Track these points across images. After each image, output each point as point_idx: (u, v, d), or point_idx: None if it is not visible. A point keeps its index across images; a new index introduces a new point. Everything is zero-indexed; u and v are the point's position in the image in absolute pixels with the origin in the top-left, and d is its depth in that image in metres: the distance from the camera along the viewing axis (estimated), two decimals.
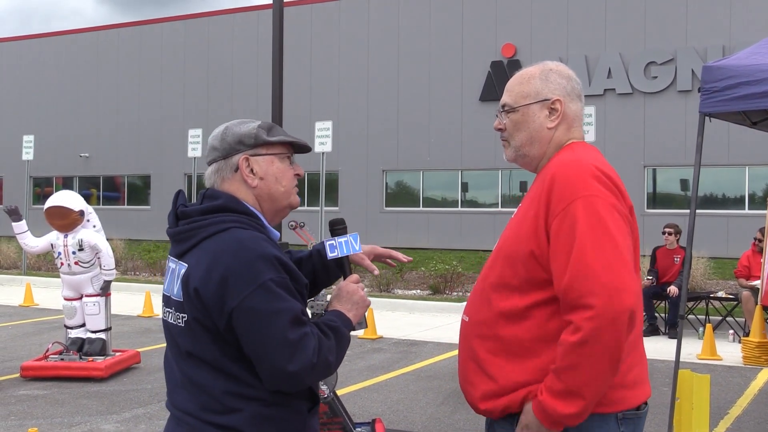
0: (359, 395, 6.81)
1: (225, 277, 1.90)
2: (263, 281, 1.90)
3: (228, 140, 2.10)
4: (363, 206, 24.51)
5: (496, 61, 22.99)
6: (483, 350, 2.17)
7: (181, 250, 2.04)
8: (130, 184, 29.62)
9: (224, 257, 1.93)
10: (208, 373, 1.97)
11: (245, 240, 1.96)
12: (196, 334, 1.98)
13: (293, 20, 24.00)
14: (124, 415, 6.13)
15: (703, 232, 16.57)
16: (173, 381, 2.07)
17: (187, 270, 1.99)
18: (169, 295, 2.07)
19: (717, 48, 19.99)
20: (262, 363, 1.91)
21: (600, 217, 2.03)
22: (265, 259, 1.93)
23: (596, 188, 2.06)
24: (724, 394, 6.97)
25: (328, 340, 1.99)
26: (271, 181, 2.11)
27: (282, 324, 1.89)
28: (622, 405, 2.11)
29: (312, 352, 1.91)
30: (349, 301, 2.15)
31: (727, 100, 5.02)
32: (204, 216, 2.03)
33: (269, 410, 1.98)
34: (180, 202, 2.12)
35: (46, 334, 9.77)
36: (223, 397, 1.96)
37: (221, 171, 2.11)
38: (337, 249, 2.28)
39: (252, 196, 2.10)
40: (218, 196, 2.07)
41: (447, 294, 13.34)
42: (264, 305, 1.89)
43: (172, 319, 2.05)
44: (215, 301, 1.92)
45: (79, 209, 7.28)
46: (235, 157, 2.09)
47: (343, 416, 4.68)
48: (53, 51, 30.51)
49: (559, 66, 2.31)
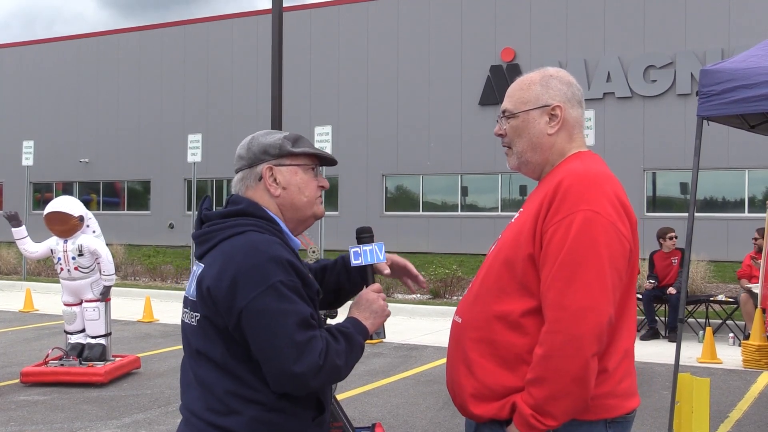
0: (359, 399, 6.80)
1: (236, 278, 1.94)
2: (273, 282, 1.93)
3: (254, 150, 2.16)
4: (363, 211, 24.50)
5: (496, 65, 23.03)
6: (475, 353, 2.15)
7: (202, 251, 2.10)
8: (129, 189, 29.63)
9: (236, 258, 1.97)
10: (214, 373, 2.00)
11: (258, 242, 2.00)
12: (207, 333, 2.02)
13: (293, 25, 24.04)
14: (124, 420, 6.13)
15: (703, 236, 16.57)
16: (186, 381, 2.11)
17: (202, 270, 2.05)
18: (187, 296, 2.13)
19: (716, 51, 20.02)
20: (268, 363, 1.93)
21: (594, 234, 2.02)
22: (276, 262, 1.96)
23: (600, 204, 2.05)
24: (725, 397, 6.96)
25: (338, 344, 2.00)
26: (294, 191, 2.15)
27: (289, 325, 1.91)
28: (612, 413, 2.11)
29: (319, 355, 1.93)
30: (368, 309, 2.17)
31: (725, 104, 5.02)
32: (224, 219, 2.09)
33: (270, 415, 1.99)
34: (205, 206, 2.18)
35: (46, 340, 9.77)
36: (225, 396, 1.98)
37: (246, 179, 2.16)
38: (361, 257, 2.30)
39: (275, 205, 2.15)
40: (240, 201, 2.13)
41: (447, 298, 13.33)
42: (272, 306, 1.92)
43: (187, 318, 2.11)
44: (226, 300, 1.96)
45: (79, 214, 7.28)
46: (260, 166, 2.14)
47: (343, 421, 4.68)
48: (53, 56, 30.55)
49: (560, 72, 2.31)
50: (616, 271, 2.05)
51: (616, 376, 2.10)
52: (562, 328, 1.98)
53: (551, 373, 1.99)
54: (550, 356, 1.99)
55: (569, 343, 1.97)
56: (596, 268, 2.01)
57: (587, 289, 1.99)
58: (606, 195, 2.07)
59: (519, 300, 2.10)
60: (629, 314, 2.16)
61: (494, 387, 2.11)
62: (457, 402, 2.23)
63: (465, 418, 2.29)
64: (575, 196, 2.06)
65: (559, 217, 2.05)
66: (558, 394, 1.99)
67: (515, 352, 2.09)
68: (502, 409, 2.10)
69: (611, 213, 2.06)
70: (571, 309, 1.98)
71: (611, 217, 2.05)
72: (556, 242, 2.04)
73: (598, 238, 2.02)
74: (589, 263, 2.00)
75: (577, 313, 1.98)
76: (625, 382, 2.13)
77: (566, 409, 2.01)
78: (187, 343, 2.11)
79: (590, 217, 2.03)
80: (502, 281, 2.14)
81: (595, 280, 2.00)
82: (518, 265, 2.11)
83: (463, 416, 2.26)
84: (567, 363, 1.97)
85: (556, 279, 2.01)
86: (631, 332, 2.17)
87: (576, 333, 1.97)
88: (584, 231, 2.02)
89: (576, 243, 2.01)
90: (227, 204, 2.16)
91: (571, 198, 2.06)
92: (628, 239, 2.09)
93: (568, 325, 1.98)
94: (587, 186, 2.08)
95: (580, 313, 1.98)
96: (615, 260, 2.04)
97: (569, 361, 1.97)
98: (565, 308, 1.99)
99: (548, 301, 2.03)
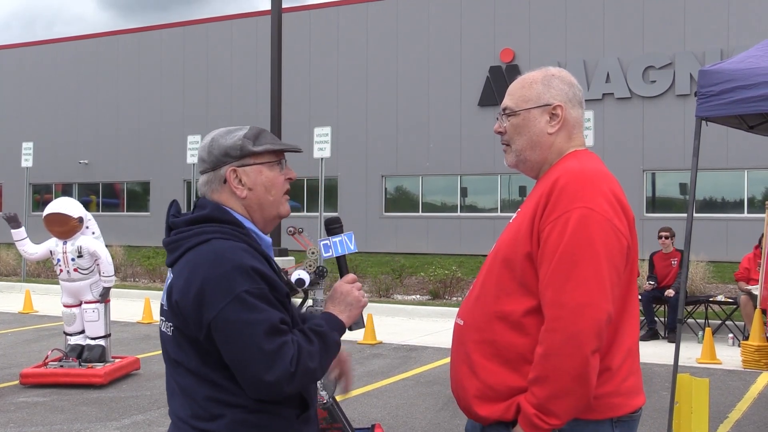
0: (359, 401, 6.80)
1: (202, 290, 1.92)
2: (238, 293, 1.90)
3: (215, 153, 2.10)
4: (362, 212, 24.51)
5: (495, 66, 23.03)
6: (478, 354, 2.15)
7: (171, 260, 2.07)
8: (129, 190, 29.62)
9: (201, 269, 1.94)
10: (193, 381, 2.00)
11: (222, 251, 1.96)
12: (180, 343, 2.01)
13: (292, 26, 24.05)
14: (124, 421, 6.13)
15: (702, 236, 16.58)
16: (170, 388, 2.11)
17: (171, 281, 2.03)
18: (162, 304, 2.10)
19: (715, 52, 20.02)
20: (240, 373, 1.92)
21: (590, 231, 2.02)
22: (240, 270, 1.93)
23: (596, 201, 2.05)
24: (724, 397, 6.96)
25: (311, 346, 1.97)
26: (260, 191, 2.11)
27: (257, 335, 1.89)
28: (617, 411, 2.11)
29: (291, 362, 1.90)
30: (343, 302, 2.14)
31: (724, 104, 5.02)
32: (189, 227, 2.05)
33: (252, 417, 1.98)
34: (172, 212, 2.13)
35: (45, 341, 9.77)
36: (206, 403, 1.98)
37: (211, 183, 2.12)
38: (331, 249, 2.28)
39: (242, 206, 2.11)
40: (206, 205, 2.09)
41: (447, 299, 13.33)
42: (240, 317, 1.89)
43: (164, 327, 2.08)
44: (193, 313, 1.94)
45: (78, 216, 7.28)
46: (223, 169, 2.10)
47: (342, 422, 4.68)
48: (52, 58, 30.54)
49: (562, 72, 2.31)
50: (614, 268, 2.05)
51: (620, 374, 2.10)
52: (560, 326, 1.98)
53: (552, 371, 1.98)
54: (550, 354, 1.99)
55: (568, 340, 1.97)
56: (593, 265, 2.00)
57: (585, 286, 1.99)
58: (602, 192, 2.07)
59: (519, 300, 2.10)
60: (631, 312, 2.15)
61: (498, 388, 2.11)
62: (461, 404, 2.23)
63: (467, 420, 2.28)
64: (571, 193, 2.06)
65: (556, 215, 2.05)
66: (560, 392, 1.99)
67: (518, 352, 2.09)
68: (508, 411, 2.10)
69: (608, 210, 2.05)
70: (568, 306, 1.98)
71: (607, 214, 2.05)
72: (552, 240, 2.04)
73: (595, 235, 2.02)
74: (586, 260, 2.00)
75: (575, 311, 1.98)
76: (629, 381, 2.13)
77: (569, 407, 2.00)
78: (165, 351, 2.09)
79: (586, 215, 2.03)
80: (502, 281, 2.14)
81: (593, 277, 2.00)
82: (517, 264, 2.11)
83: (469, 418, 2.24)
84: (567, 361, 1.97)
85: (554, 277, 2.01)
86: (633, 330, 2.16)
87: (574, 330, 1.97)
88: (580, 228, 2.02)
89: (572, 240, 2.01)
90: (194, 208, 2.12)
91: (567, 196, 2.06)
92: (625, 236, 2.08)
93: (566, 323, 1.98)
94: (583, 184, 2.08)
95: (578, 310, 1.97)
96: (612, 257, 2.04)
97: (569, 359, 1.97)
98: (562, 306, 1.99)
99: (546, 300, 2.03)
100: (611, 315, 2.02)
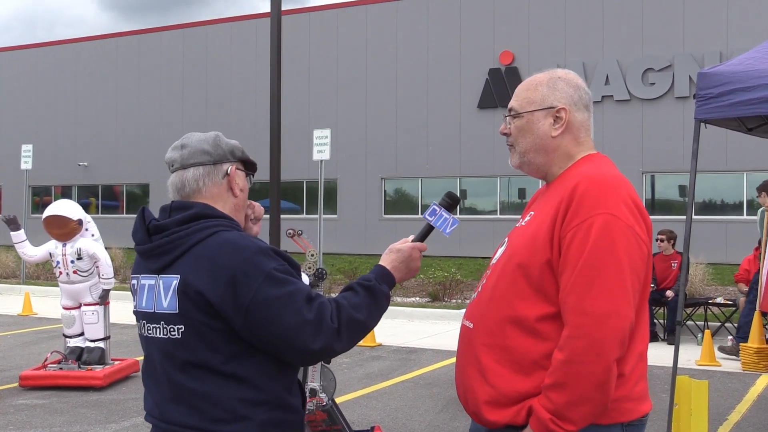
0: (358, 403, 6.80)
1: (232, 277, 1.94)
2: (268, 271, 1.96)
3: (222, 147, 2.16)
4: (362, 214, 24.51)
5: (494, 68, 23.04)
6: (488, 358, 2.12)
7: (162, 264, 2.04)
8: (129, 192, 29.62)
9: (224, 259, 1.96)
10: (214, 382, 1.97)
11: (237, 239, 2.01)
12: (203, 340, 1.98)
13: (291, 28, 24.05)
14: (123, 423, 6.13)
15: (701, 238, 16.58)
16: (161, 395, 2.06)
17: (182, 280, 1.99)
18: (152, 311, 2.06)
19: (714, 54, 20.04)
20: (288, 349, 1.97)
21: (613, 238, 2.00)
22: (262, 252, 1.99)
23: (618, 208, 2.03)
24: (723, 400, 6.97)
25: (356, 298, 2.06)
26: (244, 196, 2.20)
27: (298, 305, 1.95)
28: (628, 416, 2.09)
29: (331, 319, 1.97)
30: (404, 262, 2.25)
31: (723, 107, 5.02)
32: (183, 226, 2.04)
33: (275, 414, 2.01)
34: (150, 218, 2.12)
35: (44, 344, 9.77)
36: (231, 404, 1.97)
37: (212, 174, 2.13)
38: (435, 216, 2.35)
39: (231, 205, 2.15)
40: (190, 205, 2.09)
41: (446, 301, 13.33)
42: (275, 293, 1.94)
43: (162, 333, 2.04)
44: (226, 302, 1.94)
45: (78, 218, 7.28)
46: (226, 164, 2.15)
47: (341, 424, 4.68)
48: (52, 60, 30.55)
49: (569, 74, 2.29)
50: (636, 275, 2.04)
51: (632, 379, 2.08)
52: (584, 333, 1.96)
53: (573, 378, 1.96)
54: (572, 361, 1.96)
55: (591, 348, 1.95)
56: (617, 272, 1.99)
57: (608, 294, 1.97)
58: (623, 198, 2.06)
59: (535, 305, 2.08)
60: (643, 318, 2.14)
61: (509, 393, 2.08)
62: (469, 409, 2.19)
63: (470, 422, 2.26)
64: (592, 199, 2.04)
65: (577, 222, 2.03)
66: (579, 399, 1.97)
67: (531, 358, 2.06)
68: (518, 415, 2.07)
69: (629, 216, 2.04)
70: (593, 314, 1.96)
71: (629, 221, 2.04)
72: (575, 247, 2.02)
73: (618, 242, 2.01)
74: (610, 267, 1.99)
75: (599, 318, 1.96)
76: (639, 386, 2.12)
77: (586, 414, 1.99)
78: (166, 356, 2.03)
79: (609, 221, 2.01)
80: (517, 286, 2.11)
81: (616, 284, 1.98)
82: (535, 270, 2.08)
83: (478, 423, 2.21)
84: (589, 368, 1.95)
85: (577, 284, 1.99)
86: (644, 335, 2.15)
87: (598, 338, 1.95)
88: (603, 235, 2.00)
89: (595, 247, 2.00)
90: (171, 211, 2.09)
91: (589, 201, 2.04)
92: (645, 242, 2.08)
93: (590, 330, 1.96)
94: (604, 189, 2.06)
95: (602, 317, 1.96)
96: (634, 264, 2.03)
97: (591, 366, 1.95)
98: (586, 313, 1.97)
99: (569, 306, 2.00)
100: (633, 322, 2.02)
